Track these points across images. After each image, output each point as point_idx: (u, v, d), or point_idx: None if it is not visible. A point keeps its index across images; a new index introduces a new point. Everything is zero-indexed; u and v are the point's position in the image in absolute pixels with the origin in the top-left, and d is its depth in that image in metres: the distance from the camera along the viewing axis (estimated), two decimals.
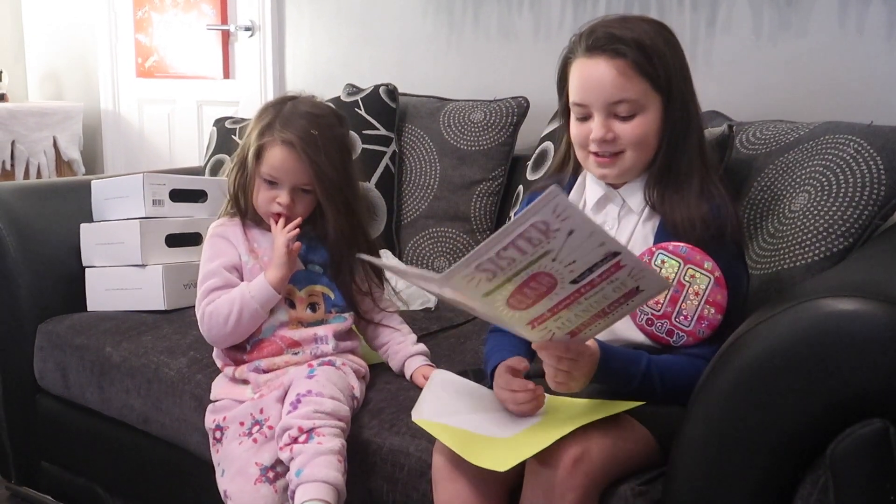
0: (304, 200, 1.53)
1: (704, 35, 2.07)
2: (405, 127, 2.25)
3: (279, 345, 1.51)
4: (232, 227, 1.58)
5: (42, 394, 1.97)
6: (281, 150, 1.49)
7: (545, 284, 1.05)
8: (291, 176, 1.50)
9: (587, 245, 1.00)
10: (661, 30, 1.32)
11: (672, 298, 1.24)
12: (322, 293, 1.57)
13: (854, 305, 0.96)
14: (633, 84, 1.28)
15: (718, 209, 1.29)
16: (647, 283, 1.07)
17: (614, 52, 1.27)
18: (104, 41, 3.47)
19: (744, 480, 1.02)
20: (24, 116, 3.29)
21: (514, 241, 0.99)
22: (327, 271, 1.58)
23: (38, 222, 2.00)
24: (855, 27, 1.87)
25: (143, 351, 1.76)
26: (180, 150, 3.36)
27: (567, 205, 0.95)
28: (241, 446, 1.42)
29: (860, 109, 1.81)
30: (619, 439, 1.18)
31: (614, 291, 1.07)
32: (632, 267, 1.04)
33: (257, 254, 1.56)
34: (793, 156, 1.57)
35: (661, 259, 1.26)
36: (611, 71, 1.27)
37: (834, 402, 0.96)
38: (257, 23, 3.00)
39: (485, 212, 2.11)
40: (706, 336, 1.23)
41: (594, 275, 1.04)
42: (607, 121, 1.30)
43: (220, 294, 1.51)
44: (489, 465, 1.12)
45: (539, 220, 0.96)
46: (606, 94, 1.28)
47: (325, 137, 1.51)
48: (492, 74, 2.41)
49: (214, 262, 1.54)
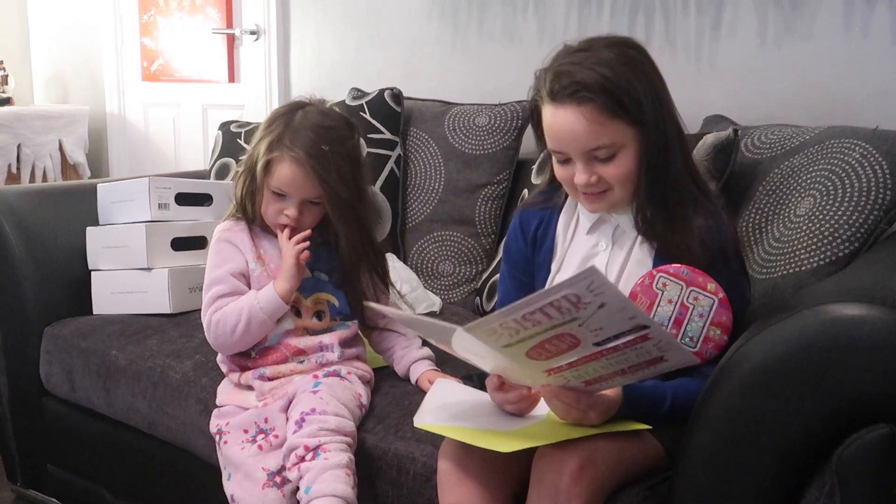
0: (313, 212, 1.53)
1: (709, 39, 2.07)
2: (410, 131, 2.25)
3: (284, 353, 1.51)
4: (239, 231, 1.57)
5: (48, 397, 1.97)
6: (290, 167, 1.47)
7: (567, 343, 1.05)
8: (301, 191, 1.49)
9: (617, 317, 1.00)
10: (626, 52, 1.27)
11: (676, 321, 1.23)
12: (327, 301, 1.56)
13: (860, 311, 0.96)
14: (605, 129, 1.24)
15: (717, 227, 1.27)
16: (673, 355, 1.07)
17: (581, 100, 1.23)
18: (110, 45, 3.48)
19: (750, 486, 1.02)
20: (30, 120, 3.30)
21: (543, 307, 0.99)
22: (332, 278, 1.57)
23: (44, 226, 2.01)
24: (860, 31, 1.87)
25: (148, 354, 1.76)
26: (186, 153, 3.36)
27: (603, 282, 0.96)
28: (245, 452, 1.42)
29: (865, 114, 1.81)
30: (624, 445, 1.18)
31: (638, 357, 1.07)
32: (659, 339, 1.04)
33: (264, 260, 1.55)
34: (798, 160, 1.57)
35: (662, 282, 1.24)
36: (580, 120, 1.23)
37: (840, 408, 0.96)
38: (262, 26, 3.01)
39: (490, 215, 2.11)
40: (713, 356, 1.21)
41: (619, 342, 1.04)
42: (589, 165, 1.27)
43: (227, 301, 1.51)
44: (493, 447, 1.13)
45: (572, 293, 0.96)
46: (582, 144, 1.25)
47: (335, 153, 1.49)
48: (496, 78, 2.41)
49: (221, 268, 1.54)
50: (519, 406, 1.25)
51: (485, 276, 2.07)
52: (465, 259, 2.10)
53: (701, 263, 1.24)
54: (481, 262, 2.10)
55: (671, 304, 1.23)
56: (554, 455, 1.13)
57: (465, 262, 2.10)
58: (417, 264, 2.14)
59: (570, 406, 1.15)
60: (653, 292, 1.24)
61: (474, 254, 2.10)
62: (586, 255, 1.36)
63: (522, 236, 1.44)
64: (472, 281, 2.09)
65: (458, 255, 2.11)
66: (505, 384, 1.25)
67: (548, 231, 1.41)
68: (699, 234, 1.26)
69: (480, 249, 2.10)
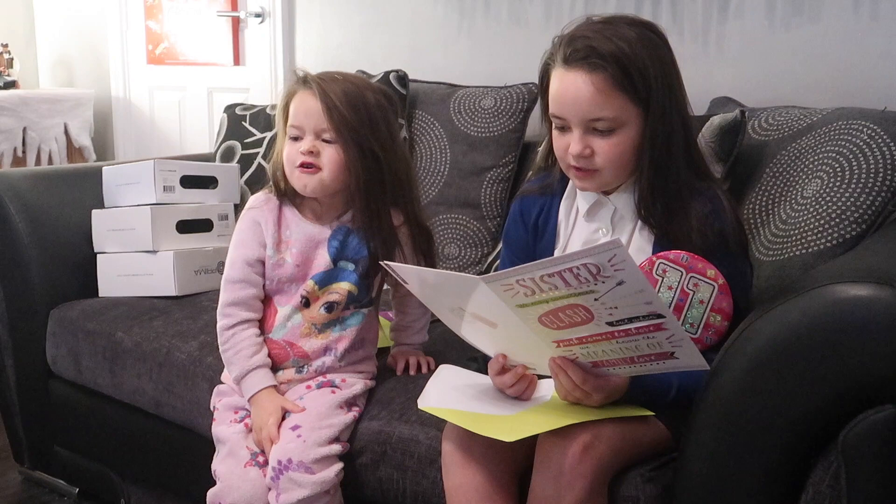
0: (329, 151, 1.44)
1: (717, 21, 2.05)
2: (415, 113, 2.24)
3: (287, 351, 1.49)
4: (267, 210, 1.51)
5: (54, 379, 1.98)
6: (301, 96, 1.44)
7: (581, 316, 1.05)
8: (310, 119, 1.43)
9: (633, 299, 1.00)
10: (646, 34, 1.26)
11: (677, 307, 1.23)
12: (348, 291, 1.49)
13: (867, 291, 0.95)
14: (610, 101, 1.23)
15: (716, 213, 1.26)
16: (684, 353, 1.06)
17: (592, 67, 1.23)
18: (115, 28, 3.47)
19: (755, 466, 1.02)
20: (36, 103, 3.29)
21: (562, 271, 0.99)
22: (359, 267, 1.50)
23: (49, 209, 2.01)
24: (868, 13, 1.85)
25: (154, 335, 1.76)
26: (191, 136, 3.36)
27: (624, 258, 0.95)
28: (230, 429, 1.44)
29: (873, 95, 1.80)
30: (629, 426, 1.17)
31: (648, 347, 1.07)
32: (672, 333, 1.03)
33: (286, 245, 1.49)
34: (805, 142, 1.56)
35: (662, 268, 1.24)
36: (588, 87, 1.23)
37: (846, 388, 0.96)
38: (267, 9, 2.99)
39: (495, 198, 2.10)
40: (714, 343, 1.21)
41: (632, 326, 1.04)
42: (585, 136, 1.26)
43: (238, 291, 1.47)
44: (497, 435, 1.13)
45: (592, 262, 0.96)
46: (583, 111, 1.25)
47: (347, 82, 1.45)
48: (502, 61, 2.40)
49: (238, 251, 1.50)
50: (517, 388, 1.25)
51: (490, 258, 2.06)
52: (470, 241, 2.10)
53: (700, 250, 1.24)
54: (487, 245, 2.10)
55: (671, 290, 1.23)
56: (558, 436, 1.13)
57: (470, 245, 2.10)
58: None
59: (574, 384, 1.15)
60: (653, 279, 1.23)
61: (480, 236, 2.10)
62: (587, 240, 1.36)
63: (523, 224, 1.43)
64: (478, 263, 2.09)
65: (463, 238, 2.11)
66: (505, 367, 1.25)
67: (549, 218, 1.41)
68: (698, 222, 1.25)
69: (486, 232, 2.10)
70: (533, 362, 1.23)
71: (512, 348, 1.23)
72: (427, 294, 1.27)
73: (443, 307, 1.26)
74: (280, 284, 1.49)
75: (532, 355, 1.20)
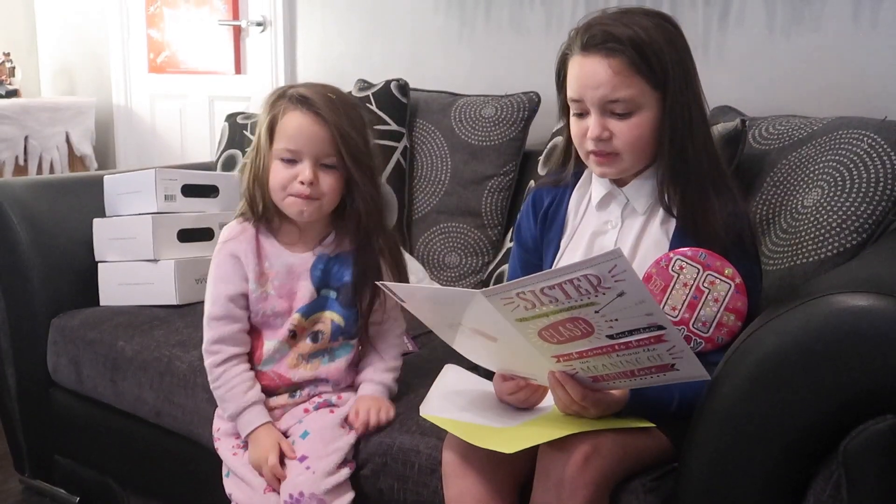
0: (328, 179, 1.39)
1: (717, 29, 2.06)
2: (416, 122, 2.24)
3: (276, 382, 1.47)
4: (244, 241, 1.45)
5: (55, 388, 1.98)
6: (297, 115, 1.36)
7: (581, 330, 1.05)
8: (312, 144, 1.36)
9: (634, 310, 1.00)
10: (662, 24, 1.29)
11: (690, 305, 1.22)
12: (331, 320, 1.46)
13: (867, 301, 0.95)
14: (628, 83, 1.25)
15: (735, 213, 1.27)
16: (685, 365, 1.06)
17: (610, 51, 1.25)
18: (116, 36, 3.48)
19: (756, 476, 1.02)
20: (37, 112, 3.30)
21: (562, 283, 0.98)
22: (341, 295, 1.46)
23: (51, 217, 2.01)
24: (869, 21, 1.86)
25: (155, 345, 1.76)
26: (192, 145, 3.37)
27: (625, 269, 0.95)
28: (237, 458, 1.43)
29: (874, 105, 1.80)
30: (630, 436, 1.17)
31: (649, 360, 1.06)
32: (673, 345, 1.03)
33: (267, 277, 1.44)
34: (806, 151, 1.56)
35: (678, 264, 1.23)
36: (606, 70, 1.25)
37: (847, 399, 0.96)
38: (269, 18, 3.00)
39: (496, 207, 2.10)
40: (724, 343, 1.21)
41: (633, 338, 1.03)
42: (603, 118, 1.28)
43: (222, 328, 1.43)
44: (497, 447, 1.13)
45: (592, 273, 0.96)
46: (602, 93, 1.26)
47: (343, 102, 1.39)
48: (503, 69, 2.41)
49: (219, 287, 1.45)
50: (517, 397, 1.25)
51: (491, 267, 2.06)
52: (471, 250, 2.10)
53: (722, 247, 1.24)
54: (487, 254, 2.10)
55: (686, 287, 1.22)
56: (559, 446, 1.13)
57: (471, 254, 2.10)
58: (424, 256, 2.14)
59: (572, 400, 1.15)
60: (668, 275, 1.23)
61: (480, 245, 2.10)
62: (595, 231, 1.36)
63: (534, 215, 1.44)
64: (479, 272, 2.09)
65: (464, 247, 2.11)
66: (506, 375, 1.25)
67: (560, 208, 1.42)
68: (721, 218, 1.26)
69: (487, 241, 2.10)
70: (533, 375, 1.23)
71: (512, 362, 1.23)
72: (425, 311, 1.26)
73: (442, 324, 1.25)
74: (266, 318, 1.45)
75: (532, 369, 1.20)
